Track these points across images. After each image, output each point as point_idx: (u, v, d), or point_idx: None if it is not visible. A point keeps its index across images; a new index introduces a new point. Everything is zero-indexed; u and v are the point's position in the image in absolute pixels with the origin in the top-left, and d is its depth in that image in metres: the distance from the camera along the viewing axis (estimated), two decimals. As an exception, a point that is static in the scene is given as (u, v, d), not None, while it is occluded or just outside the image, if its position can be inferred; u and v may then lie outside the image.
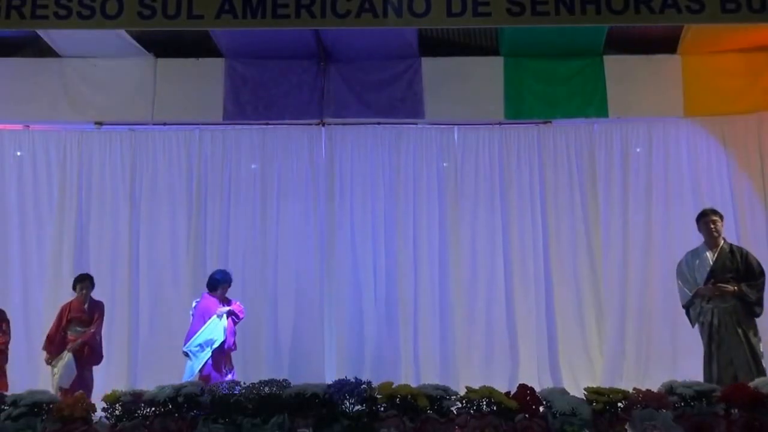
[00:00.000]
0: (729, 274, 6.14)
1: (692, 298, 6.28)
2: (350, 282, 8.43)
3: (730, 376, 5.86)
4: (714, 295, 6.14)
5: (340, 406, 3.99)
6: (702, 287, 6.21)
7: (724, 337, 6.05)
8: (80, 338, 7.11)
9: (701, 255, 6.35)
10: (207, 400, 4.08)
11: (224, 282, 7.33)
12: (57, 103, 8.41)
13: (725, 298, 6.10)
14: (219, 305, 7.20)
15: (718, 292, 6.11)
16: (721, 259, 6.22)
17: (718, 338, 6.08)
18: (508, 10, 5.45)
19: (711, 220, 6.36)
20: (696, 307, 6.28)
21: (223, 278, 7.34)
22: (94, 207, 8.58)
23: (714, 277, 6.17)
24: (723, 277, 6.14)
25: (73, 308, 7.25)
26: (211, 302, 7.21)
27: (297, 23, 5.56)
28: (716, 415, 4.05)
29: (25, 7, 5.52)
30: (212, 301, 7.22)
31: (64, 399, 4.26)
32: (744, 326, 6.05)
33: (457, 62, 8.47)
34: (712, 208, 6.61)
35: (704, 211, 6.52)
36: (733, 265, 6.17)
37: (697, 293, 6.24)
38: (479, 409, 3.97)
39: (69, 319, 7.20)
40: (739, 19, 5.50)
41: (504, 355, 8.28)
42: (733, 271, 6.15)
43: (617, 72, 8.35)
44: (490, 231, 8.51)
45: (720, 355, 6.04)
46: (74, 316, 7.21)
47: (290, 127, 8.67)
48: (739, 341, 6.00)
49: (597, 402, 4.00)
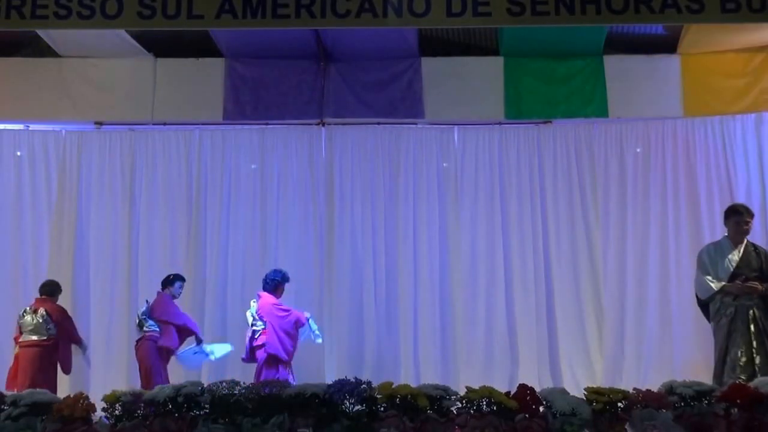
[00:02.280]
0: (754, 273, 6.04)
1: (715, 294, 6.12)
2: (350, 282, 8.43)
3: (748, 374, 5.75)
4: (743, 293, 6.00)
5: (340, 406, 3.99)
6: (730, 284, 6.05)
7: (745, 336, 5.94)
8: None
9: (725, 250, 6.20)
10: (207, 400, 4.08)
11: (286, 281, 7.39)
12: (57, 103, 8.39)
13: (751, 297, 5.99)
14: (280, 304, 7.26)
15: (747, 291, 5.99)
16: (747, 256, 6.12)
17: (738, 337, 5.96)
18: (508, 10, 5.44)
19: (746, 221, 6.22)
20: (716, 303, 6.13)
21: (284, 277, 7.37)
22: (94, 207, 8.57)
23: (742, 274, 6.05)
24: (749, 276, 6.03)
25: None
26: (272, 300, 7.23)
27: (297, 23, 5.55)
28: (716, 415, 4.04)
29: (25, 7, 5.51)
30: (273, 299, 7.24)
31: (65, 399, 4.25)
32: (764, 325, 5.94)
33: (457, 62, 8.47)
34: (744, 205, 6.50)
35: (737, 209, 6.37)
36: (758, 264, 6.08)
37: (723, 290, 6.07)
38: (479, 409, 3.97)
39: None
40: (739, 19, 5.49)
41: (504, 355, 8.28)
42: (757, 270, 6.06)
43: (617, 72, 8.34)
44: (490, 231, 8.51)
45: (739, 354, 5.91)
46: None
47: (290, 127, 8.67)
48: (760, 340, 5.90)
49: (597, 402, 4.00)
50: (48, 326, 7.22)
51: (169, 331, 7.33)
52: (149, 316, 7.37)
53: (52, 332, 7.23)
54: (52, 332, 7.23)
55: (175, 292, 7.57)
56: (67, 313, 7.49)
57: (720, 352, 6.09)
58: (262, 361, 7.07)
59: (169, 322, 7.34)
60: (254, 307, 7.28)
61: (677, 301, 8.04)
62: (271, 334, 7.03)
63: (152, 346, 7.27)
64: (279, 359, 7.03)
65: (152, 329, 7.33)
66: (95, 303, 8.42)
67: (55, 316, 7.29)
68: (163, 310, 7.38)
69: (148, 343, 7.29)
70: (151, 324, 7.34)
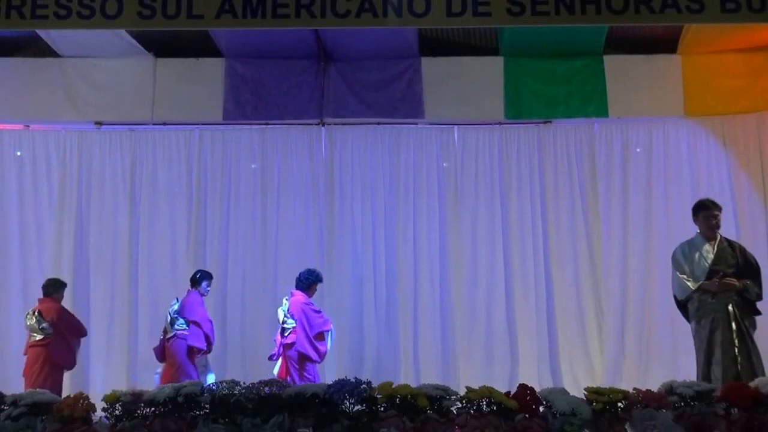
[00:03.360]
0: (730, 269, 5.87)
1: (693, 293, 5.96)
2: (350, 282, 8.44)
3: (731, 375, 5.60)
4: (721, 291, 5.82)
5: (340, 406, 3.98)
6: (707, 282, 5.86)
7: (726, 335, 5.76)
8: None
9: (699, 248, 6.02)
10: (207, 400, 4.08)
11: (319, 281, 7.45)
12: (57, 103, 8.41)
13: (729, 294, 5.80)
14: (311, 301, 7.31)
15: (724, 288, 5.80)
16: (722, 252, 5.94)
17: (720, 336, 5.78)
18: (508, 10, 5.44)
19: (713, 214, 6.03)
20: (694, 302, 5.96)
21: (317, 277, 7.43)
22: (94, 207, 8.58)
23: (717, 271, 5.86)
24: (726, 272, 5.84)
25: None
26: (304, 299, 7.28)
27: (297, 23, 5.55)
28: (716, 415, 4.04)
29: (25, 7, 5.51)
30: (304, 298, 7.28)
31: (65, 399, 4.25)
32: (746, 323, 5.79)
33: (457, 62, 8.47)
34: (711, 199, 6.24)
35: (704, 204, 6.17)
36: (734, 259, 5.91)
37: (701, 288, 5.90)
38: (479, 409, 3.96)
39: None
40: (739, 19, 5.48)
41: (504, 355, 8.29)
42: (734, 266, 5.88)
43: (617, 72, 8.35)
44: (490, 231, 8.51)
45: (722, 353, 5.74)
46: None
47: (290, 126, 8.68)
48: (741, 339, 5.73)
49: (597, 402, 3.99)
50: (42, 325, 7.23)
51: (197, 331, 7.35)
52: (179, 315, 7.40)
53: (48, 331, 7.23)
54: (47, 331, 7.23)
55: (203, 290, 7.60)
56: (62, 311, 7.43)
57: (705, 354, 5.88)
58: (292, 360, 7.10)
59: (197, 323, 7.37)
60: (286, 305, 7.33)
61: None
62: (301, 332, 7.08)
63: (183, 344, 7.30)
64: (308, 358, 7.06)
65: (182, 328, 7.36)
66: (95, 303, 8.43)
67: (48, 315, 7.29)
68: (192, 310, 7.40)
69: (179, 341, 7.32)
70: (182, 323, 7.37)
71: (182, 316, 7.37)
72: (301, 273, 7.42)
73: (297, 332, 7.09)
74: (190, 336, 7.31)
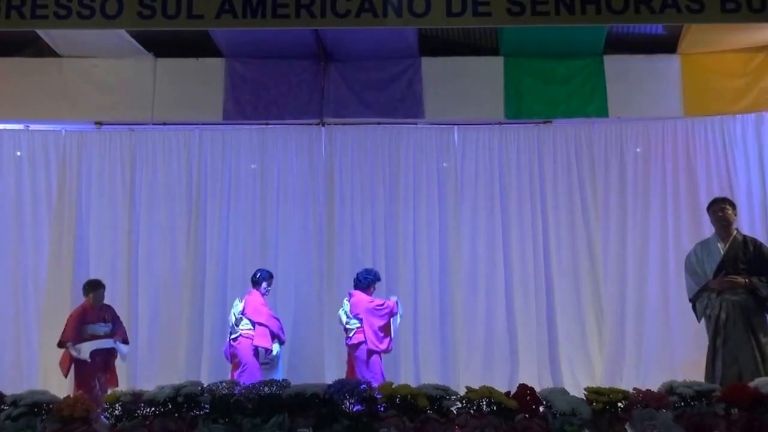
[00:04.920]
0: (741, 266, 5.84)
1: (700, 291, 5.98)
2: (350, 282, 8.41)
3: (734, 375, 5.60)
4: (724, 288, 5.83)
5: (340, 406, 3.99)
6: (712, 281, 5.90)
7: (730, 333, 5.76)
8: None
9: (711, 246, 6.06)
10: (207, 400, 4.08)
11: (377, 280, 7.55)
12: (57, 103, 8.39)
13: (736, 291, 5.80)
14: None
15: (728, 285, 5.81)
16: (733, 249, 5.92)
17: (724, 334, 5.79)
18: (508, 10, 5.45)
19: (721, 207, 6.08)
20: (703, 300, 5.98)
21: (376, 276, 7.54)
22: (94, 207, 8.57)
23: (725, 268, 5.86)
24: (734, 269, 5.82)
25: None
26: (366, 298, 7.39)
27: (297, 23, 5.55)
28: (716, 415, 4.04)
29: (25, 7, 5.52)
30: (366, 297, 7.39)
31: (65, 399, 4.25)
32: (754, 323, 5.76)
33: (457, 62, 8.47)
34: (723, 196, 6.35)
35: (714, 200, 6.27)
36: (745, 256, 5.87)
37: (706, 287, 5.93)
38: (479, 409, 3.97)
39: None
40: (739, 19, 5.49)
41: (504, 355, 8.29)
42: (746, 262, 5.84)
43: (617, 72, 8.34)
44: (490, 231, 8.51)
45: (725, 352, 5.75)
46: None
47: (290, 127, 8.67)
48: (747, 338, 5.71)
49: (597, 402, 4.00)
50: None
51: (263, 332, 7.41)
52: (244, 315, 7.45)
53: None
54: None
55: (263, 290, 7.64)
56: (72, 314, 7.32)
57: (709, 351, 5.94)
58: (360, 360, 7.20)
59: (263, 323, 7.44)
60: (347, 306, 7.41)
61: (677, 301, 8.01)
62: (368, 330, 7.20)
63: (249, 344, 7.38)
64: (376, 352, 7.22)
65: (247, 328, 7.42)
66: (95, 303, 8.41)
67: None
68: (255, 311, 7.46)
69: (246, 341, 7.39)
70: (246, 323, 7.44)
71: (247, 317, 7.44)
72: (359, 273, 7.53)
73: (364, 331, 7.22)
74: (257, 336, 7.39)
